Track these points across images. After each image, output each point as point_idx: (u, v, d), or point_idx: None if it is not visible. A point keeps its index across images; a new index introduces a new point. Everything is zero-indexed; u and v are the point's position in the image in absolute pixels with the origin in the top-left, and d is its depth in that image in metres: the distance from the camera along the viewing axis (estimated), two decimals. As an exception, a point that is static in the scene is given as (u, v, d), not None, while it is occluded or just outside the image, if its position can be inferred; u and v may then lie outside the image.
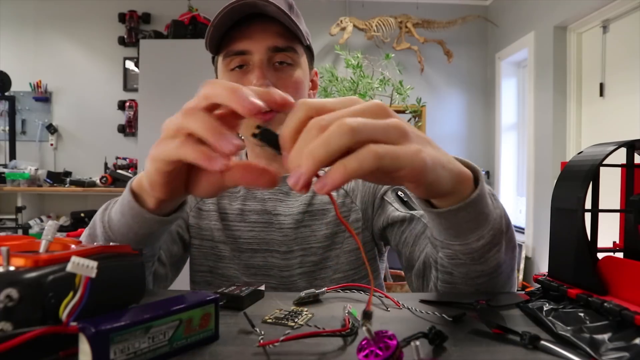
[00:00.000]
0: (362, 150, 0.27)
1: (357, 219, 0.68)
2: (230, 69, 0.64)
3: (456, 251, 0.43)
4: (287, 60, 0.64)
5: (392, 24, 3.35)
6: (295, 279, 0.66)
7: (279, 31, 0.62)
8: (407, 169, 0.29)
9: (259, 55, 0.62)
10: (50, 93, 3.43)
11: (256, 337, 0.33)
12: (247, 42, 0.62)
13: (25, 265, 0.27)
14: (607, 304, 0.33)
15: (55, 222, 0.32)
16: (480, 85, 3.63)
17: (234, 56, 0.63)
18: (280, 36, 0.63)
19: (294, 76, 0.65)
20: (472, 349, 0.31)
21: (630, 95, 2.18)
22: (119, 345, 0.26)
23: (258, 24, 0.62)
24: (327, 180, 0.27)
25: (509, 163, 3.39)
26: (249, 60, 0.63)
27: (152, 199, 0.41)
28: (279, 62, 0.64)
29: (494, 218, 0.42)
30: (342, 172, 0.27)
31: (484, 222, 0.41)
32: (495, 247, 0.43)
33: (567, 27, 2.62)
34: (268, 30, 0.62)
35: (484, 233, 0.42)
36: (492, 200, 0.43)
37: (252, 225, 0.68)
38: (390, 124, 0.29)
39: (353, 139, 0.27)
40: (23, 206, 3.08)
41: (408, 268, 0.61)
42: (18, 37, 3.41)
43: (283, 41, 0.63)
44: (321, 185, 0.27)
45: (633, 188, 0.41)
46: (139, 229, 0.44)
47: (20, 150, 3.38)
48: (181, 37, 3.05)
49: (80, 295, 0.26)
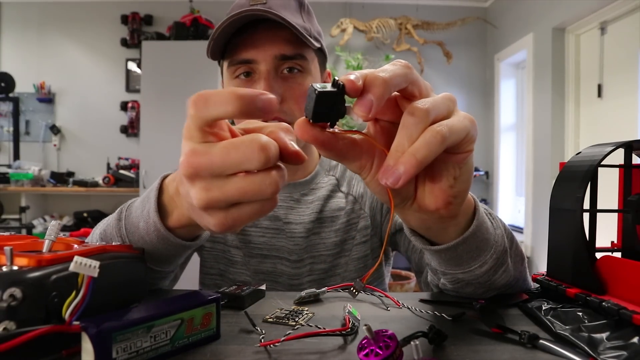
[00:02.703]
0: (426, 135, 0.26)
1: (365, 225, 0.68)
2: (235, 76, 0.61)
3: (459, 278, 0.42)
4: (296, 67, 0.60)
5: (392, 26, 3.35)
6: (305, 286, 0.65)
7: (286, 37, 0.58)
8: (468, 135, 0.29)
9: (265, 65, 0.58)
10: (54, 94, 3.44)
11: (257, 337, 0.33)
12: (253, 51, 0.58)
13: (28, 265, 0.28)
14: (605, 304, 0.33)
15: (58, 222, 0.32)
16: (480, 86, 3.63)
17: (238, 65, 0.60)
18: (288, 43, 0.58)
19: (304, 85, 0.60)
20: (471, 348, 0.32)
21: (628, 96, 2.19)
22: (121, 344, 0.26)
23: (264, 31, 0.58)
24: (401, 173, 0.26)
25: (507, 163, 3.39)
26: (255, 68, 0.60)
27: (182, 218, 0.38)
28: (288, 69, 0.60)
29: (495, 240, 0.40)
30: (414, 163, 0.26)
31: (486, 248, 0.39)
32: (501, 268, 0.41)
33: (566, 29, 2.63)
34: (275, 37, 0.58)
35: (486, 258, 0.40)
36: (491, 221, 0.41)
37: (264, 231, 0.67)
38: (446, 97, 0.29)
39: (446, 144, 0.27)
40: (27, 206, 3.09)
41: (418, 273, 0.62)
42: (22, 39, 3.42)
43: (291, 49, 0.59)
44: (395, 180, 0.26)
45: (631, 188, 0.42)
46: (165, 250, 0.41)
47: (24, 150, 3.39)
48: (183, 39, 3.06)
49: (82, 294, 0.26)
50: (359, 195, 0.69)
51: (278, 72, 0.60)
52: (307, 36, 0.58)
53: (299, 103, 0.60)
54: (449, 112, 0.29)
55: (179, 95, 2.98)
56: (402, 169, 0.26)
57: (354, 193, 0.69)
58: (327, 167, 0.72)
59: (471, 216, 0.38)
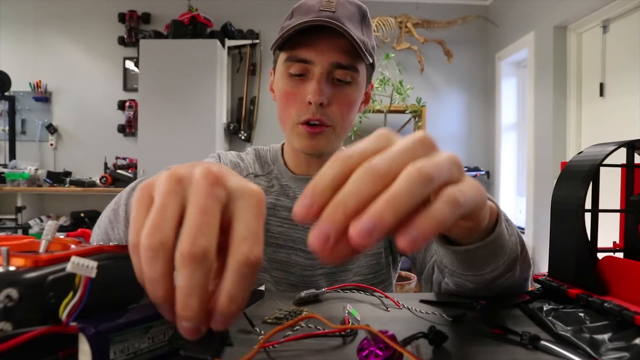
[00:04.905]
0: (441, 200, 0.23)
1: None
2: (289, 73, 0.63)
3: (467, 280, 0.43)
4: (347, 78, 0.63)
5: (392, 24, 3.35)
6: (317, 278, 0.66)
7: (345, 47, 0.61)
8: (478, 205, 0.26)
9: (320, 69, 0.61)
10: (50, 93, 3.43)
11: (256, 337, 0.33)
12: (313, 53, 0.61)
13: (25, 265, 0.27)
14: (607, 304, 0.33)
15: (55, 222, 0.32)
16: (480, 85, 3.63)
17: (296, 62, 0.62)
18: (346, 53, 0.61)
19: (350, 95, 0.63)
20: (472, 349, 0.31)
21: (631, 95, 2.18)
22: (119, 345, 0.26)
23: (327, 36, 0.60)
24: (418, 235, 0.22)
25: (509, 163, 3.39)
26: (310, 69, 0.62)
27: None
28: (339, 79, 0.63)
29: (510, 247, 0.42)
30: (434, 226, 0.22)
31: (501, 254, 0.41)
32: (508, 273, 0.43)
33: (567, 27, 2.62)
34: (335, 45, 0.61)
35: (499, 264, 0.41)
36: (508, 227, 0.43)
37: (282, 221, 0.68)
38: (451, 161, 0.25)
39: (432, 186, 0.23)
40: (23, 206, 3.08)
41: (420, 272, 0.63)
42: (18, 37, 3.41)
43: (347, 59, 0.61)
44: (411, 242, 0.22)
45: (633, 188, 0.41)
46: None
47: (20, 150, 3.38)
48: (181, 37, 3.05)
49: (80, 295, 0.26)
50: None
51: (330, 78, 0.63)
52: (364, 50, 0.60)
53: (341, 110, 0.63)
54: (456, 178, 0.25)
55: (178, 94, 2.98)
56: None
57: None
58: None
59: (494, 222, 0.39)
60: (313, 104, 0.61)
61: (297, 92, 0.63)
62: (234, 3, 3.45)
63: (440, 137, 3.58)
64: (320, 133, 0.63)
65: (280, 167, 0.72)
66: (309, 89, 0.61)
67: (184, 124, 2.98)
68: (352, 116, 0.66)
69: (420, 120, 3.27)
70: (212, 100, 3.01)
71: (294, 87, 0.63)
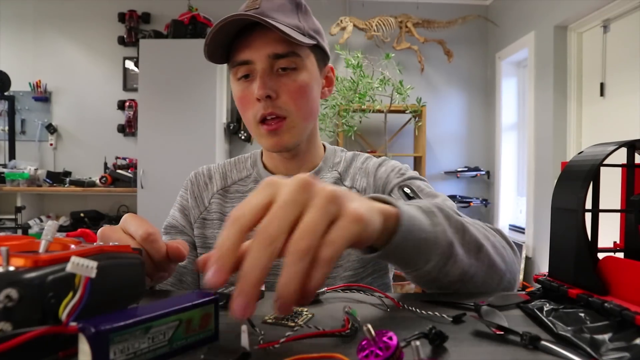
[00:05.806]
0: (319, 267, 0.27)
1: None
2: (237, 78, 0.66)
3: (414, 276, 0.45)
4: (291, 65, 0.63)
5: (392, 24, 3.35)
6: None
7: (278, 37, 0.61)
8: (360, 235, 0.30)
9: (260, 64, 0.62)
10: (50, 93, 3.43)
11: (256, 338, 0.33)
12: (249, 52, 0.63)
13: (25, 266, 0.27)
14: (607, 304, 0.33)
15: (54, 222, 0.32)
16: (481, 85, 3.63)
17: (238, 66, 0.64)
18: (280, 42, 0.62)
19: (298, 80, 0.64)
20: (472, 349, 0.31)
21: (631, 95, 2.18)
22: (119, 346, 0.26)
23: (259, 33, 0.62)
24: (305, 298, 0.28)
25: (509, 163, 3.39)
26: (253, 69, 0.64)
27: None
28: (282, 68, 0.63)
29: (435, 237, 0.42)
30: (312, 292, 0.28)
31: (425, 247, 0.41)
32: (449, 260, 0.43)
33: (568, 27, 2.62)
34: (267, 37, 0.62)
35: (430, 256, 0.42)
36: (432, 218, 0.43)
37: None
38: (328, 201, 0.29)
39: (310, 256, 0.27)
40: (22, 206, 3.08)
41: None
42: (17, 37, 3.41)
43: (283, 47, 0.62)
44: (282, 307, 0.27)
45: (633, 188, 0.41)
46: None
47: (19, 150, 3.38)
48: (181, 37, 3.05)
49: (80, 295, 0.26)
50: (362, 189, 0.71)
51: (273, 70, 0.64)
52: (296, 35, 0.61)
53: (293, 98, 0.64)
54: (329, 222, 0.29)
55: (177, 94, 2.98)
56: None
57: (357, 187, 0.71)
58: (331, 164, 0.74)
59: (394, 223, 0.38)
60: (261, 99, 0.62)
61: (248, 94, 0.64)
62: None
63: (440, 137, 3.58)
64: (279, 129, 0.64)
65: (260, 170, 0.74)
66: (254, 87, 0.63)
67: (184, 124, 2.98)
68: (308, 102, 0.66)
69: (420, 120, 3.27)
70: (212, 100, 3.01)
71: (244, 90, 0.65)
